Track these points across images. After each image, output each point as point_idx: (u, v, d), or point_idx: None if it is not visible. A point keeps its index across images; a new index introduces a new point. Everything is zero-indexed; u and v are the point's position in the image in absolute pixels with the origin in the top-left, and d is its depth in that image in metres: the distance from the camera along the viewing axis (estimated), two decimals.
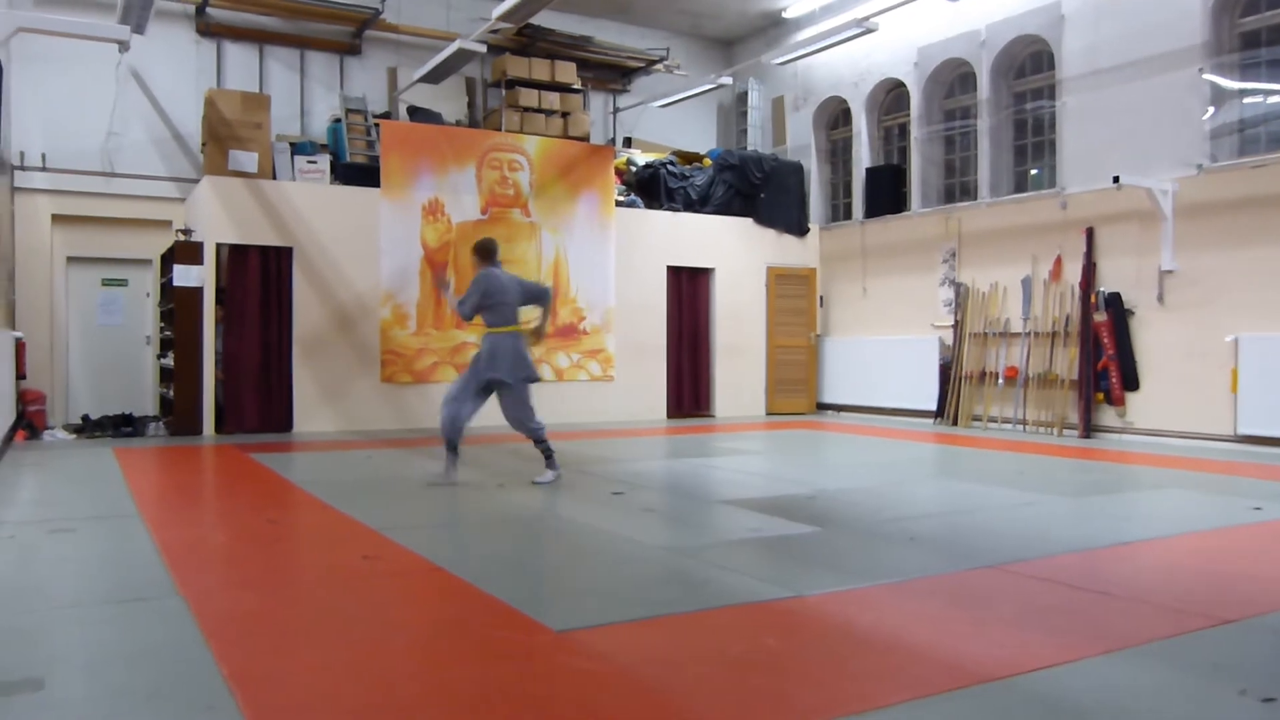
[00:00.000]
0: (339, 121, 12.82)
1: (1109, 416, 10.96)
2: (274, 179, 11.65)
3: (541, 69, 13.56)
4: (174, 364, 11.04)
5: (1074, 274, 11.30)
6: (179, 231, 11.48)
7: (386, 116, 13.10)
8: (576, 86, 13.94)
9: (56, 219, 12.02)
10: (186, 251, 11.03)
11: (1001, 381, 12.04)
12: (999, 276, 12.21)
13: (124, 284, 12.72)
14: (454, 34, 12.41)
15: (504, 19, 10.38)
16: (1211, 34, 10.08)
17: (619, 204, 13.64)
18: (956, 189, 13.38)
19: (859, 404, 14.09)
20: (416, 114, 13.26)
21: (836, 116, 15.16)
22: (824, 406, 14.69)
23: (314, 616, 3.93)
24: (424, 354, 12.14)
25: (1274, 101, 9.99)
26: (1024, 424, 11.78)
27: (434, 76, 12.39)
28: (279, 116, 12.59)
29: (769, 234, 14.61)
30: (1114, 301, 10.85)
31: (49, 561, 4.81)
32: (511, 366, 7.17)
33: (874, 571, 4.63)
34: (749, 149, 15.55)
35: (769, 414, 14.43)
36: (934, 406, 12.81)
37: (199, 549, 5.21)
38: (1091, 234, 11.10)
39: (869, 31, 11.92)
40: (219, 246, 11.26)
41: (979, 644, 3.48)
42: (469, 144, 12.71)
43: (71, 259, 12.28)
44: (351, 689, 3.05)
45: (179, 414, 11.00)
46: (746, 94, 15.99)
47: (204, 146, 11.74)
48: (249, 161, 11.41)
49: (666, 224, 13.93)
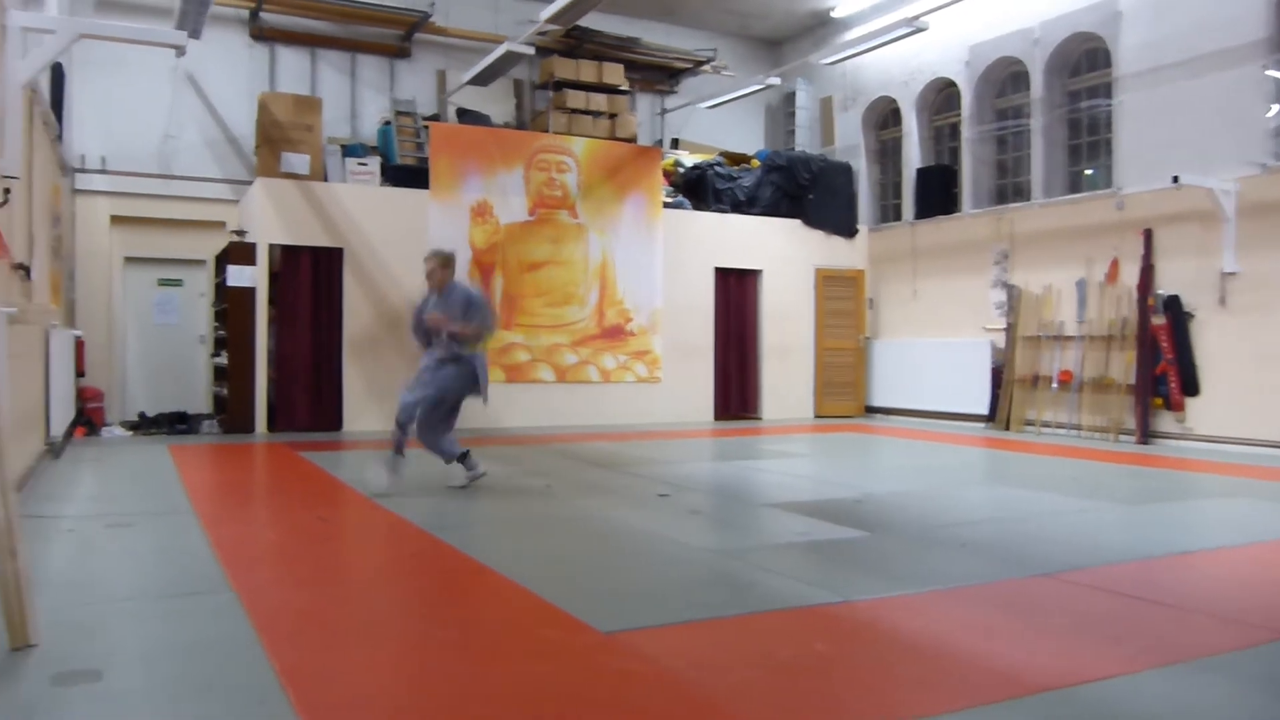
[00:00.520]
0: (389, 124, 12.95)
1: (1167, 422, 10.74)
2: (325, 181, 11.79)
3: (589, 71, 13.60)
4: (227, 363, 11.21)
5: (1130, 276, 11.08)
6: (233, 232, 11.66)
7: (435, 119, 13.20)
8: (624, 88, 13.97)
9: (115, 220, 12.28)
10: (240, 252, 11.20)
11: (1055, 385, 11.84)
12: (1052, 278, 12.01)
13: (179, 284, 12.96)
14: (502, 36, 12.47)
15: (552, 21, 10.43)
16: (1275, 29, 9.83)
17: (666, 205, 13.62)
18: (1009, 189, 13.20)
19: (908, 407, 13.94)
20: (465, 116, 13.35)
21: (886, 116, 15.02)
22: (873, 409, 14.55)
23: (363, 614, 3.96)
24: None
25: None
26: (1078, 429, 11.58)
27: (482, 79, 12.46)
28: (330, 119, 12.75)
29: (817, 235, 14.50)
30: (1173, 304, 10.62)
31: (107, 556, 4.90)
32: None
33: (924, 577, 4.56)
34: (797, 150, 15.46)
35: (816, 416, 14.32)
36: (985, 410, 12.64)
37: (251, 545, 5.28)
38: (1149, 235, 10.88)
39: (919, 30, 11.81)
40: (271, 247, 11.41)
41: (1033, 653, 3.41)
42: (517, 145, 12.77)
43: (129, 259, 12.55)
44: (399, 686, 3.08)
45: (232, 412, 11.16)
46: (794, 94, 15.89)
47: (257, 149, 11.91)
48: (301, 164, 11.55)
49: (714, 225, 13.89)
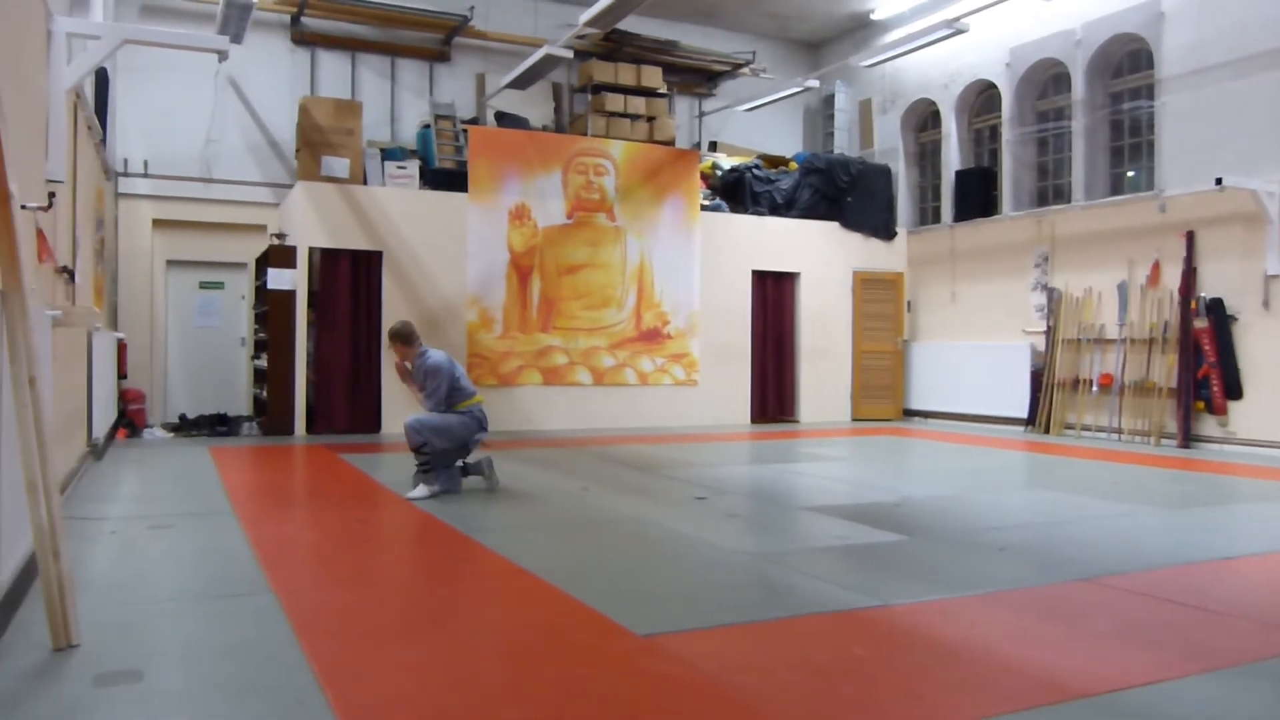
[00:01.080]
0: (428, 127, 13.02)
1: (1209, 426, 10.56)
2: (365, 184, 11.89)
3: (627, 74, 13.62)
4: (267, 365, 11.32)
5: (1173, 279, 10.92)
6: (273, 236, 11.78)
7: (474, 122, 13.27)
8: (662, 91, 13.98)
9: (157, 224, 12.45)
10: (280, 255, 11.32)
11: (1096, 389, 11.69)
12: (1093, 281, 11.86)
13: (220, 287, 13.12)
14: (541, 40, 12.53)
15: (591, 24, 10.44)
16: None
17: (704, 208, 13.60)
18: (1050, 191, 13.05)
19: (947, 410, 13.81)
20: (504, 119, 13.41)
21: (925, 119, 14.91)
22: (911, 413, 14.44)
23: (401, 616, 3.99)
24: (509, 357, 12.23)
25: None
26: (1119, 433, 11.42)
27: (521, 82, 12.51)
28: (370, 123, 12.85)
29: (855, 238, 14.43)
30: (1215, 307, 10.46)
31: (148, 557, 4.97)
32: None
33: (963, 582, 4.52)
34: (835, 152, 15.38)
35: (854, 420, 14.24)
36: (1025, 414, 12.50)
37: (290, 547, 5.33)
38: (1192, 237, 10.71)
39: (960, 33, 11.70)
40: (311, 250, 11.53)
41: (1074, 658, 3.37)
42: (555, 149, 12.81)
43: (171, 262, 12.72)
44: (437, 688, 3.09)
45: (272, 414, 11.28)
46: (833, 97, 15.81)
47: (298, 152, 12.05)
48: (341, 167, 11.66)
49: (752, 228, 13.85)
